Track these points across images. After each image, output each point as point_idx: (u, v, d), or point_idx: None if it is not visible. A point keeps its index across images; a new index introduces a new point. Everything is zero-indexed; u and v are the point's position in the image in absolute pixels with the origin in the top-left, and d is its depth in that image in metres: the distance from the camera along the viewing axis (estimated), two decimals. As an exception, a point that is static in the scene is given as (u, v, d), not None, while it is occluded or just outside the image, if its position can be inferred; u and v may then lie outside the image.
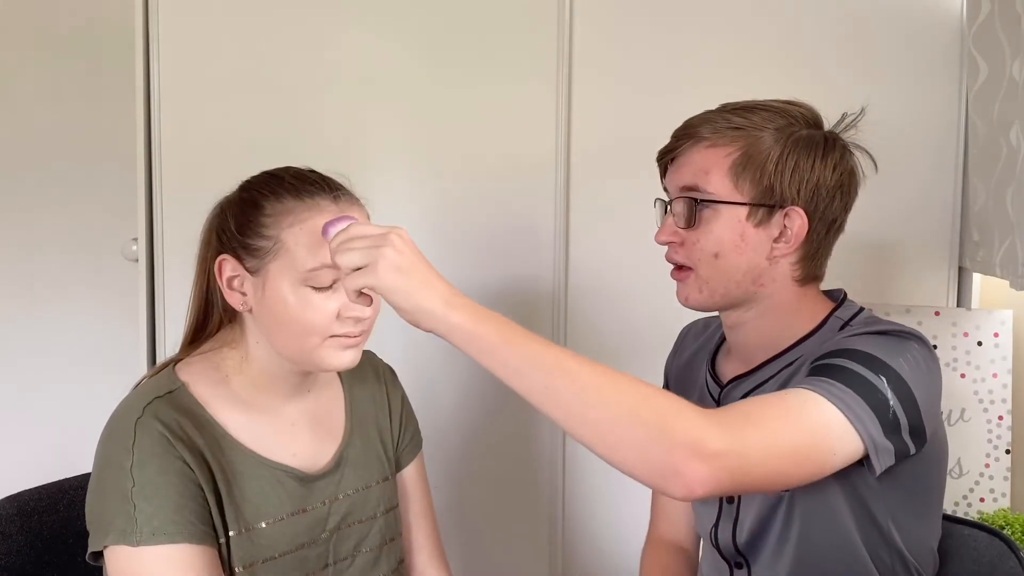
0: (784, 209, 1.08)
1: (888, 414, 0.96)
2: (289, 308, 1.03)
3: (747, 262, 1.10)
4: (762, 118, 1.09)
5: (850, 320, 1.11)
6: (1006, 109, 1.54)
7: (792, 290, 1.12)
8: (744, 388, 1.14)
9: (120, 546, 0.98)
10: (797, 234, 1.08)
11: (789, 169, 1.07)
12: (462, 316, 0.91)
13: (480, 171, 1.83)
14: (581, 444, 0.92)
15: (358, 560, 1.16)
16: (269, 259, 1.03)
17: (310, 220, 1.03)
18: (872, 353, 0.99)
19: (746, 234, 1.09)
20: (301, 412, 1.15)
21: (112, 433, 1.03)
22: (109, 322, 2.27)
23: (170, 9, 1.79)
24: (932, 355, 1.04)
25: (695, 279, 1.12)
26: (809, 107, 1.13)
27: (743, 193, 1.08)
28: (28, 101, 2.28)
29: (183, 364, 1.10)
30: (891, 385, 0.97)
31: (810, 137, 1.09)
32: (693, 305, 1.14)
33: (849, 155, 1.12)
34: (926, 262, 1.81)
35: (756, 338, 1.15)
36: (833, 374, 0.97)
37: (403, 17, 1.81)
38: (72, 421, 2.24)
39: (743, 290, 1.11)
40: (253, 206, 1.06)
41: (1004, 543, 1.13)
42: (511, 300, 1.84)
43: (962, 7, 1.75)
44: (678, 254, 1.13)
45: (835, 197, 1.10)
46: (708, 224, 1.10)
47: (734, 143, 1.09)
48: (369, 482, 1.18)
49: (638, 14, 1.80)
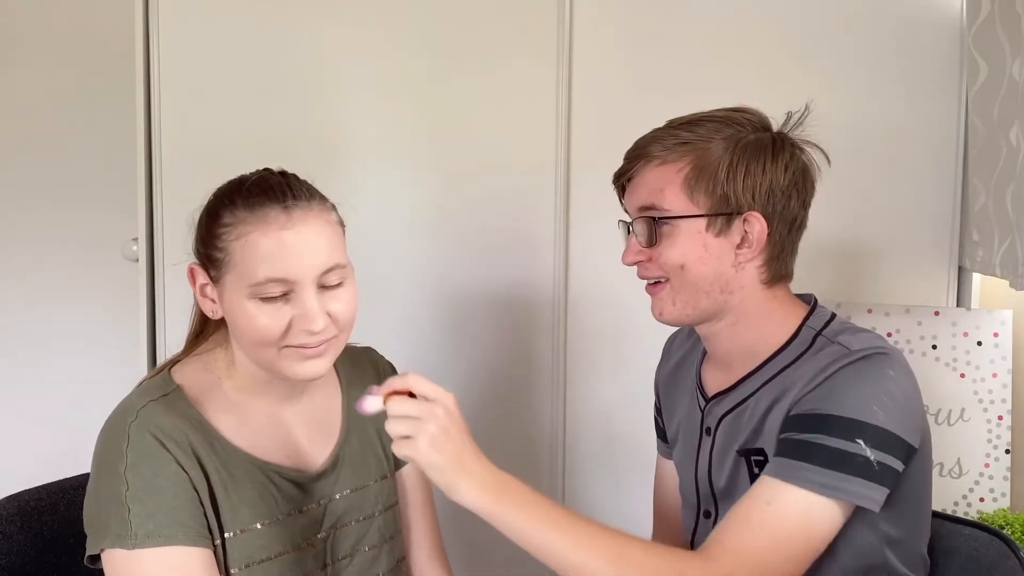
0: (742, 215, 1.09)
1: (873, 468, 1.00)
2: (241, 319, 1.02)
3: (713, 271, 1.11)
4: (708, 129, 1.11)
5: (822, 330, 1.11)
6: (1006, 109, 1.54)
7: (761, 294, 1.13)
8: (726, 405, 1.16)
9: (116, 549, 0.98)
10: (759, 238, 1.10)
11: (741, 176, 1.08)
12: (488, 503, 0.97)
13: (480, 171, 1.83)
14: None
15: (357, 559, 1.16)
16: (224, 270, 1.03)
17: (254, 233, 1.00)
18: (844, 416, 1.00)
19: (708, 244, 1.10)
20: (295, 414, 1.15)
21: (107, 436, 1.03)
22: (109, 322, 2.27)
23: (170, 9, 1.80)
24: (906, 371, 1.06)
25: (669, 291, 1.14)
26: (755, 112, 1.14)
27: (699, 205, 1.10)
28: (28, 101, 2.28)
29: (179, 366, 1.11)
30: (870, 443, 1.00)
31: (758, 141, 1.10)
32: (668, 319, 1.16)
33: (800, 153, 1.13)
34: (926, 262, 1.81)
35: (731, 346, 1.16)
36: (810, 455, 1.00)
37: (403, 18, 1.81)
38: (72, 421, 2.24)
39: (713, 300, 1.12)
40: (212, 216, 1.05)
41: (1004, 543, 1.13)
42: (510, 302, 1.85)
43: (962, 7, 1.75)
44: (648, 269, 1.15)
45: (791, 196, 1.11)
46: (670, 239, 1.11)
47: (684, 158, 1.10)
48: (367, 481, 1.18)
49: (638, 14, 1.80)
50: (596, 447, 1.87)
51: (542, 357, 1.86)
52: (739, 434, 1.13)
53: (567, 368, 1.86)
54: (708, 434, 1.19)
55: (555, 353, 1.85)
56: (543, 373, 1.86)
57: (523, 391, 1.87)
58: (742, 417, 1.13)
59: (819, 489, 0.99)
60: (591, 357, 1.87)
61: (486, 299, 1.85)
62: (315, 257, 1.01)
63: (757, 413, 1.11)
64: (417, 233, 1.83)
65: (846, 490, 0.99)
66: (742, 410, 1.13)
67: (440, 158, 1.84)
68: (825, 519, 1.00)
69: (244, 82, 1.81)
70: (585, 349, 1.87)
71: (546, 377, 1.86)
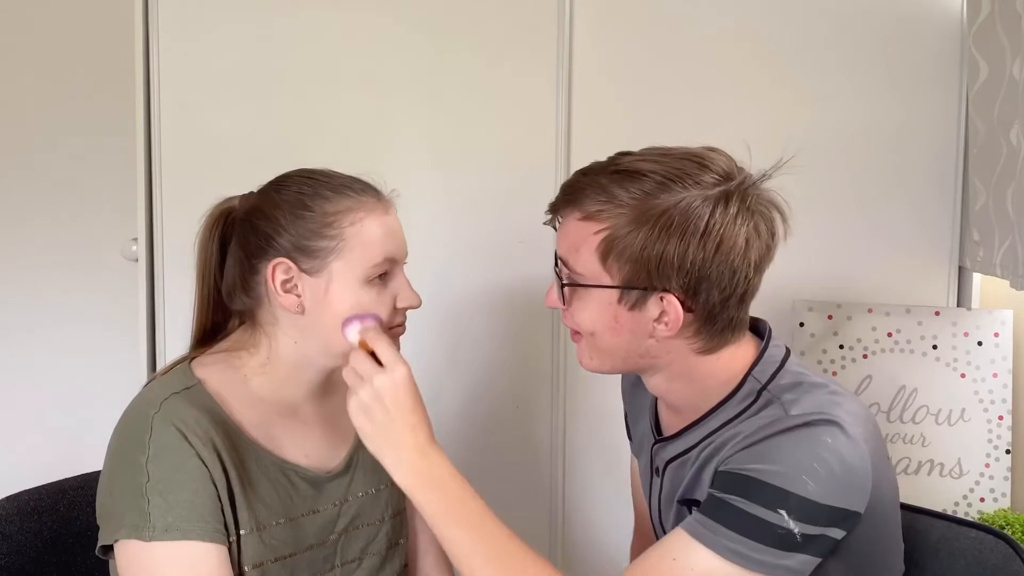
0: (657, 293, 0.99)
1: (795, 540, 0.93)
2: (347, 302, 1.05)
3: (626, 343, 1.03)
4: (644, 188, 0.98)
5: (768, 383, 1.03)
6: (1006, 109, 1.54)
7: (695, 359, 1.04)
8: (671, 452, 1.11)
9: (131, 541, 0.97)
10: (675, 320, 1.00)
11: (657, 254, 0.97)
12: (407, 484, 1.00)
13: (480, 172, 1.83)
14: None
15: (365, 563, 1.16)
16: (332, 258, 1.05)
17: (367, 219, 1.07)
18: (770, 483, 0.93)
19: (620, 317, 1.01)
20: (317, 413, 1.15)
21: (127, 427, 1.03)
22: (109, 322, 2.26)
23: (170, 9, 1.79)
24: (849, 441, 0.95)
25: (586, 346, 1.07)
26: (714, 160, 1.00)
27: (612, 275, 1.00)
28: (28, 101, 2.28)
29: (198, 362, 1.10)
30: (794, 515, 0.92)
31: (698, 205, 0.96)
32: (588, 368, 1.08)
33: (748, 217, 0.99)
34: (926, 262, 1.81)
35: (672, 397, 1.10)
36: (728, 519, 0.94)
37: (403, 18, 1.81)
38: (72, 421, 2.24)
39: (633, 363, 1.06)
40: (304, 207, 1.06)
41: (1009, 546, 1.12)
42: (510, 302, 1.84)
43: (962, 7, 1.75)
44: (567, 320, 1.08)
45: (722, 276, 0.98)
46: (581, 303, 1.03)
47: (604, 220, 0.99)
48: (379, 485, 1.18)
49: (639, 15, 1.80)
50: (596, 447, 1.87)
51: (542, 357, 1.86)
52: (680, 483, 1.08)
53: (567, 368, 1.86)
54: (657, 474, 1.15)
55: (555, 353, 1.85)
56: (543, 373, 1.86)
57: (523, 391, 1.87)
58: (685, 467, 1.08)
59: (730, 556, 0.93)
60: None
61: (486, 299, 1.85)
62: (405, 242, 1.12)
63: (696, 465, 1.05)
64: (417, 233, 1.83)
65: (760, 561, 0.92)
66: (685, 460, 1.08)
67: (440, 158, 1.84)
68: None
69: (244, 82, 1.81)
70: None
71: (546, 377, 1.86)
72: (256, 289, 1.08)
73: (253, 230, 1.08)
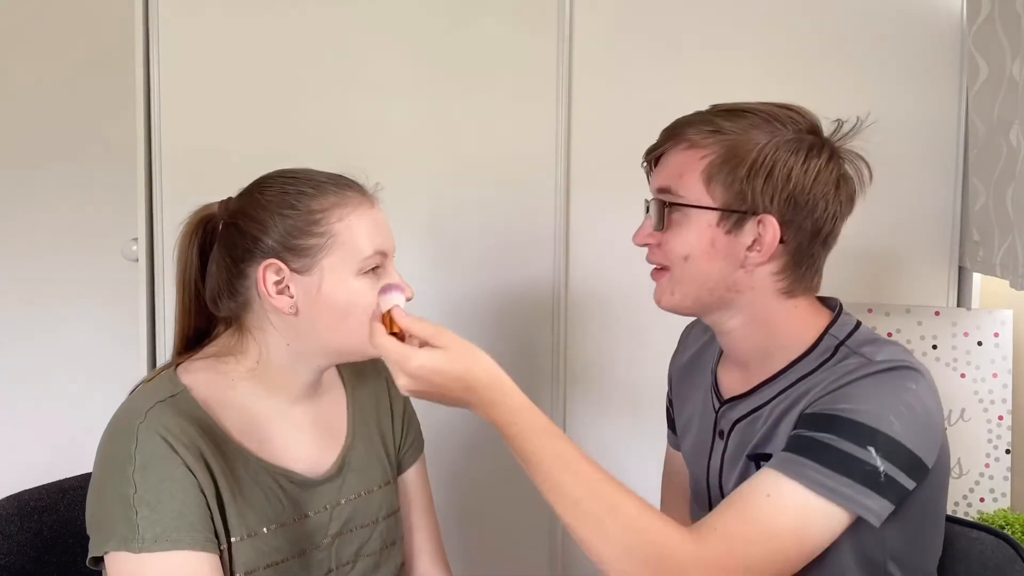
0: (757, 216, 1.04)
1: (879, 479, 0.95)
2: (352, 297, 1.05)
3: (718, 269, 1.07)
4: (748, 122, 1.06)
5: (845, 339, 1.07)
6: (1006, 109, 1.54)
7: (776, 302, 1.09)
8: (741, 410, 1.13)
9: (121, 552, 0.97)
10: (770, 244, 1.05)
11: (763, 176, 1.03)
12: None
13: (480, 173, 1.83)
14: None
15: (359, 565, 1.15)
16: (322, 255, 1.04)
17: (353, 215, 1.06)
18: (860, 421, 0.96)
19: (716, 241, 1.06)
20: (306, 416, 1.14)
21: (113, 437, 1.02)
22: (109, 322, 2.27)
23: (170, 9, 1.79)
24: (930, 388, 1.01)
25: (668, 280, 1.11)
26: (804, 112, 1.09)
27: (715, 198, 1.05)
28: (27, 100, 2.28)
29: (184, 368, 1.09)
30: (881, 452, 0.95)
31: (795, 143, 1.05)
32: (666, 307, 1.12)
33: (838, 164, 1.08)
34: (926, 262, 1.81)
35: (746, 346, 1.13)
36: (816, 454, 0.96)
37: (403, 21, 1.81)
38: (72, 421, 2.24)
39: (717, 296, 1.09)
40: (289, 207, 1.05)
41: (1012, 547, 1.12)
42: (510, 302, 1.84)
43: (962, 7, 1.76)
44: (654, 255, 1.12)
45: (816, 207, 1.05)
46: (679, 227, 1.08)
47: (712, 146, 1.06)
48: (371, 487, 1.18)
49: (638, 16, 1.81)
50: (596, 447, 1.86)
51: (542, 357, 1.86)
52: (751, 439, 1.10)
53: (567, 368, 1.86)
54: (721, 437, 1.16)
55: (555, 353, 1.85)
56: (543, 373, 1.86)
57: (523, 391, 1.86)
58: (756, 423, 1.10)
59: (819, 490, 0.95)
60: (591, 357, 1.87)
61: (486, 299, 1.85)
62: (392, 235, 1.11)
63: (771, 419, 1.07)
64: (417, 233, 1.83)
65: (847, 496, 0.95)
66: (756, 416, 1.10)
67: (440, 160, 1.84)
68: (820, 523, 0.96)
69: (244, 82, 1.81)
70: (585, 349, 1.87)
71: (546, 377, 1.86)
72: (244, 293, 1.07)
73: (239, 233, 1.06)
